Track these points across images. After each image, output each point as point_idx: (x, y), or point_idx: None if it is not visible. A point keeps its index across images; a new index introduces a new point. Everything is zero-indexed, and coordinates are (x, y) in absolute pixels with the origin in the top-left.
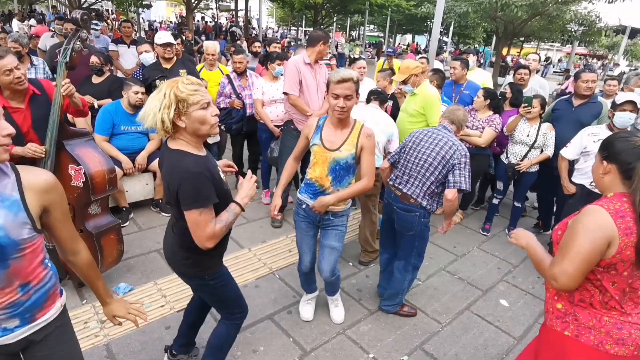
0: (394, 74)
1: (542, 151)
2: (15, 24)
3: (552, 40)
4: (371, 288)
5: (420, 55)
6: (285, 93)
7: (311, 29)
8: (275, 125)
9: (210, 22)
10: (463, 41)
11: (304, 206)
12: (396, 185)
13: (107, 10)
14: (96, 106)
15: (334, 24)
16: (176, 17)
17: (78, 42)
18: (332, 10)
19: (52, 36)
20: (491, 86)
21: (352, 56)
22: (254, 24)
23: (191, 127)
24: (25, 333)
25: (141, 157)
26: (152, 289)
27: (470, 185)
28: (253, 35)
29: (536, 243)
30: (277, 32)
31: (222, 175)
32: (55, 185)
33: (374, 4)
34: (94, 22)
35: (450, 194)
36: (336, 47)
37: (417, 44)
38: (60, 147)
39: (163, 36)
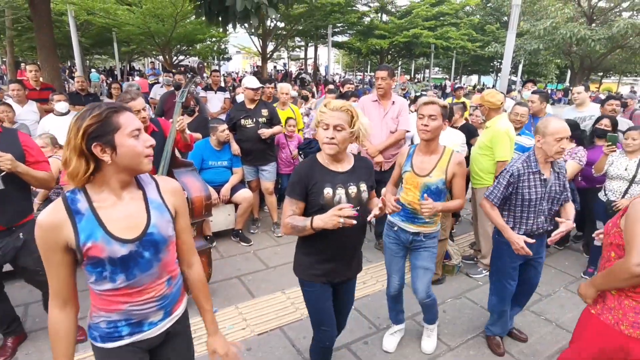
0: (465, 107)
1: None
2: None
3: (636, 75)
4: (449, 323)
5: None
6: None
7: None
8: None
9: (282, 70)
10: (533, 79)
11: (395, 228)
12: None
13: None
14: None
15: (399, 67)
16: (251, 67)
17: (193, 86)
18: (397, 55)
19: (162, 87)
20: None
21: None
22: (322, 71)
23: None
24: (166, 326)
25: (225, 189)
26: (233, 312)
27: (496, 196)
28: (322, 80)
29: (599, 277)
30: (343, 77)
31: (334, 194)
32: (180, 191)
33: (439, 46)
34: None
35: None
36: (403, 89)
37: (483, 84)
38: (169, 175)
39: (254, 81)
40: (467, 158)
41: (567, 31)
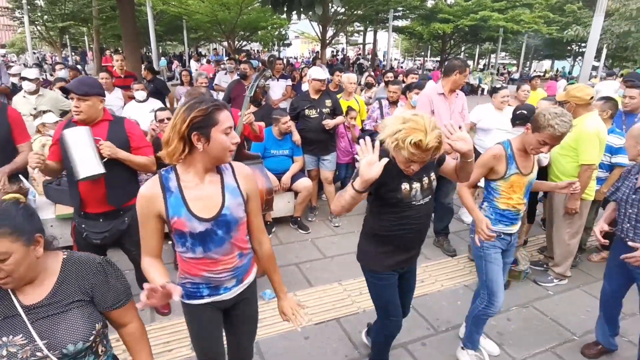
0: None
1: None
2: (193, 64)
3: None
4: (513, 333)
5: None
6: None
7: (437, 59)
8: None
9: (336, 55)
10: (619, 64)
11: (502, 236)
12: None
13: (255, 50)
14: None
15: (462, 53)
16: (309, 53)
17: (262, 80)
18: (461, 40)
19: (225, 73)
20: None
21: (485, 86)
22: (380, 56)
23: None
24: (238, 291)
25: (286, 177)
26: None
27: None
28: (381, 66)
29: None
30: (402, 62)
31: (411, 188)
32: (252, 176)
33: (508, 30)
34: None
35: None
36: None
37: (557, 70)
38: None
39: (320, 72)
40: None
41: None
